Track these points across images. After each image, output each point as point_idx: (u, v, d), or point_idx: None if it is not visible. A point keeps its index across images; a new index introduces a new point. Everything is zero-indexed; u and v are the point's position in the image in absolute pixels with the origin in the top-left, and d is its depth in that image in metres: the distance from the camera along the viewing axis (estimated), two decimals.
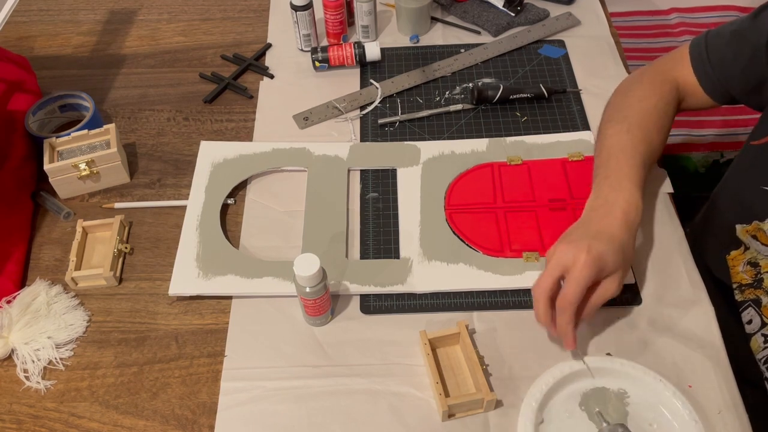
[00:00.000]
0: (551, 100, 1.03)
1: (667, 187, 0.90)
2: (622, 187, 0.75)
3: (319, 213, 0.89)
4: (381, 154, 0.96)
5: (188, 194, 0.92)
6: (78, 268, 0.84)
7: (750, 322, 0.81)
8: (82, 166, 0.91)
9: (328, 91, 1.06)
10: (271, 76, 1.10)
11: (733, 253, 0.85)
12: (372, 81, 1.07)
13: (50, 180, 0.92)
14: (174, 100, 1.07)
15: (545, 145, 0.95)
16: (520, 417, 0.69)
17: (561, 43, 1.12)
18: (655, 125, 0.82)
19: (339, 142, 0.99)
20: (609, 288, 0.71)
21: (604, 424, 0.69)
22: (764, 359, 0.78)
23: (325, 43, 1.15)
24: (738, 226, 0.83)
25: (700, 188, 1.14)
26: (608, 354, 0.74)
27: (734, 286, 0.84)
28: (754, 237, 0.81)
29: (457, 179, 0.92)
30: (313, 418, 0.72)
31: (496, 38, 1.14)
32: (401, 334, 0.78)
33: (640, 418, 0.70)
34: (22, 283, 0.85)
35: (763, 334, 0.79)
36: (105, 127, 0.95)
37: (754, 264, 0.82)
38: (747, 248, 0.83)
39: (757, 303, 0.81)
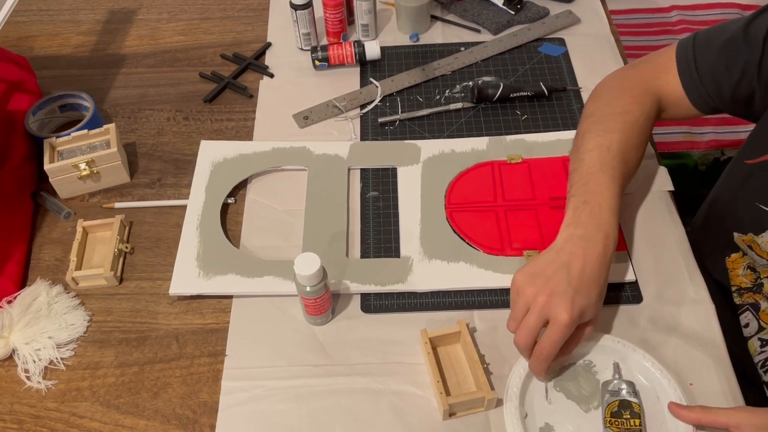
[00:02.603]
0: (551, 98, 1.03)
1: (668, 185, 0.90)
2: (602, 219, 0.73)
3: (320, 212, 0.89)
4: (381, 153, 0.96)
5: (188, 194, 0.92)
6: (78, 268, 0.84)
7: (747, 325, 0.81)
8: (82, 166, 0.91)
9: (328, 90, 1.06)
10: (271, 75, 1.10)
11: (734, 256, 0.84)
12: (372, 80, 1.07)
13: (50, 180, 0.92)
14: (174, 100, 1.07)
15: (545, 143, 0.95)
16: (506, 417, 0.70)
17: (561, 41, 1.12)
18: (635, 142, 0.80)
19: (339, 141, 0.99)
20: (585, 332, 0.72)
21: (615, 375, 0.71)
22: (761, 363, 0.78)
23: (324, 42, 1.15)
24: (735, 234, 0.83)
25: (700, 186, 1.13)
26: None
27: (733, 289, 0.84)
28: (750, 247, 0.81)
29: (458, 178, 0.92)
30: (314, 418, 0.72)
31: (496, 36, 1.14)
32: (402, 333, 0.78)
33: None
34: (22, 283, 0.85)
35: (759, 338, 0.79)
36: (105, 126, 0.95)
37: (753, 269, 0.82)
38: (745, 253, 0.83)
39: (755, 307, 0.80)
